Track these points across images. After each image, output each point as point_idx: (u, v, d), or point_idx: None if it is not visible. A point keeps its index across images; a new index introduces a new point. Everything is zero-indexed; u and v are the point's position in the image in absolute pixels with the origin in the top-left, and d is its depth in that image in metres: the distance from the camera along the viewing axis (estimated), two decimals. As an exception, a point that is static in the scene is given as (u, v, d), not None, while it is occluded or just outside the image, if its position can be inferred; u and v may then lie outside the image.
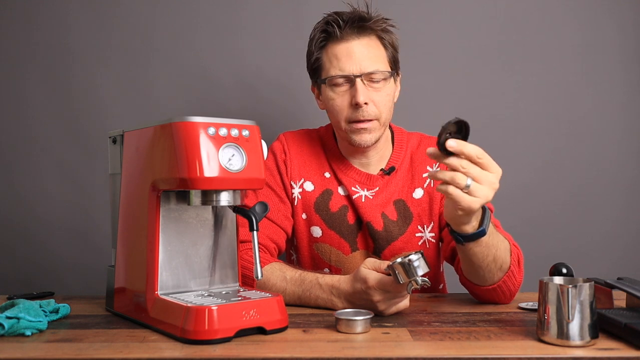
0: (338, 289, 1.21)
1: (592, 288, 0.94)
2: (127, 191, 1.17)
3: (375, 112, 1.40)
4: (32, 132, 1.97)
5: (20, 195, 1.98)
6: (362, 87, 1.37)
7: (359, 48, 1.39)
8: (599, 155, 1.97)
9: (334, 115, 1.43)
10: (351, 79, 1.39)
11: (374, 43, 1.41)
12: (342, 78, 1.40)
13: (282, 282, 1.27)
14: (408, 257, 1.07)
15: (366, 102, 1.38)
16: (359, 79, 1.38)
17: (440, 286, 1.58)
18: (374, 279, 1.13)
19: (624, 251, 1.96)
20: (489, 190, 1.05)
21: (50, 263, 1.97)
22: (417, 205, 1.47)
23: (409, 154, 1.52)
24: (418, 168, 1.49)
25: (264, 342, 0.99)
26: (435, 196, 1.46)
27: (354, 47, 1.39)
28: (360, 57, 1.38)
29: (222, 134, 1.03)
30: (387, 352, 0.92)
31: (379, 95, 1.40)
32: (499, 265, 1.19)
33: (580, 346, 0.93)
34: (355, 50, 1.39)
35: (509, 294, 1.25)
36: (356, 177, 1.49)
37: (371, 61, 1.39)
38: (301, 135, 1.57)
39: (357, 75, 1.38)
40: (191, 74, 1.97)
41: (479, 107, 1.97)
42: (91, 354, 0.92)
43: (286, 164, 1.51)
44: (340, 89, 1.41)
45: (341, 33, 1.39)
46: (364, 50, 1.39)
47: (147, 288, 1.09)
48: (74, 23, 1.97)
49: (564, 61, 1.97)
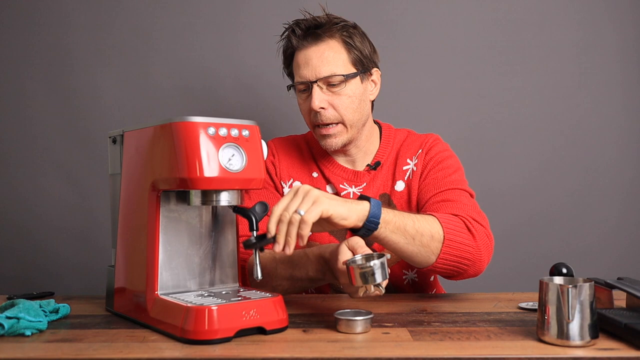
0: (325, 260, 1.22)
1: (592, 288, 0.94)
2: (127, 191, 1.17)
3: (335, 116, 1.42)
4: (32, 132, 1.98)
5: (20, 195, 1.98)
6: (318, 92, 1.40)
7: (315, 54, 1.41)
8: (598, 155, 1.97)
9: (305, 119, 1.48)
10: (309, 85, 1.42)
11: (333, 47, 1.42)
12: (302, 84, 1.43)
13: (272, 263, 1.30)
14: (369, 262, 1.03)
15: (322, 107, 1.40)
16: (315, 85, 1.40)
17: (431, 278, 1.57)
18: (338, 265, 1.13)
19: (624, 251, 1.96)
20: (316, 206, 1.04)
21: (50, 263, 1.97)
22: (400, 198, 1.48)
23: (395, 149, 1.53)
24: (400, 161, 1.51)
25: (264, 342, 0.99)
26: (413, 187, 1.47)
27: (311, 54, 1.41)
28: (315, 63, 1.40)
29: (222, 134, 1.03)
30: (387, 352, 0.92)
31: (339, 98, 1.41)
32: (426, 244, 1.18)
33: (580, 346, 0.93)
34: (312, 56, 1.41)
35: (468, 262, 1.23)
36: (343, 174, 1.51)
37: (327, 66, 1.40)
38: (288, 140, 1.61)
39: (313, 81, 1.40)
40: (191, 74, 1.97)
41: (478, 107, 1.97)
42: (91, 354, 0.92)
43: (275, 165, 1.54)
44: (303, 95, 1.45)
45: (300, 42, 1.43)
46: (320, 56, 1.41)
47: (147, 288, 1.09)
48: (74, 23, 1.97)
49: (563, 61, 1.97)
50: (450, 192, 1.38)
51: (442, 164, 1.45)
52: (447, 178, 1.42)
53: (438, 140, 1.53)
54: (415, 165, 1.48)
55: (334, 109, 1.41)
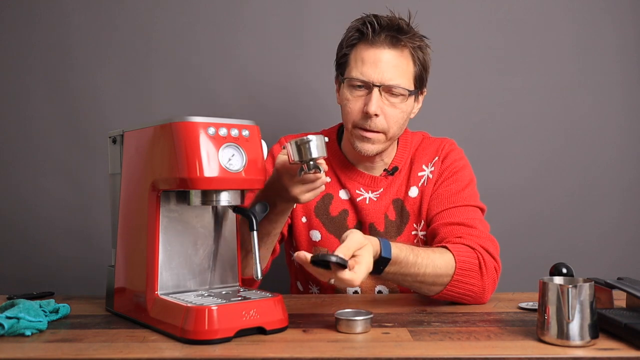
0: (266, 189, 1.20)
1: (592, 288, 0.94)
2: (127, 191, 1.17)
3: (383, 126, 1.37)
4: (32, 132, 1.97)
5: (20, 195, 1.98)
6: (378, 97, 1.35)
7: (387, 58, 1.35)
8: (598, 155, 1.97)
9: (345, 115, 1.42)
10: (370, 86, 1.36)
11: (404, 57, 1.37)
12: (361, 82, 1.37)
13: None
14: (306, 137, 1.05)
15: (377, 113, 1.35)
16: (377, 89, 1.35)
17: None
18: (278, 162, 1.15)
19: (623, 251, 1.96)
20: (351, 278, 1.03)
21: (50, 263, 1.97)
22: (413, 204, 1.47)
23: (410, 153, 1.52)
24: (415, 167, 1.49)
25: (264, 342, 0.99)
26: (426, 194, 1.45)
27: (382, 56, 1.35)
28: (385, 68, 1.34)
29: (222, 134, 1.03)
30: (387, 352, 0.92)
31: (393, 110, 1.37)
32: (430, 282, 1.23)
33: (580, 346, 0.93)
34: (383, 59, 1.35)
35: (469, 298, 1.26)
36: (361, 180, 1.49)
37: (395, 74, 1.35)
38: None
39: (377, 85, 1.34)
40: (191, 74, 1.97)
41: (478, 107, 1.97)
42: (91, 354, 0.92)
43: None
44: (357, 92, 1.38)
45: (374, 38, 1.35)
46: (391, 62, 1.35)
47: (147, 288, 1.09)
48: (74, 23, 1.97)
49: (563, 61, 1.97)
50: (464, 210, 1.38)
51: (456, 175, 1.44)
52: (461, 193, 1.41)
53: (454, 146, 1.50)
54: (431, 173, 1.46)
55: (384, 118, 1.36)
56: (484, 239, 1.31)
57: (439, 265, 1.22)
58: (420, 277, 1.21)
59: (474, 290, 1.25)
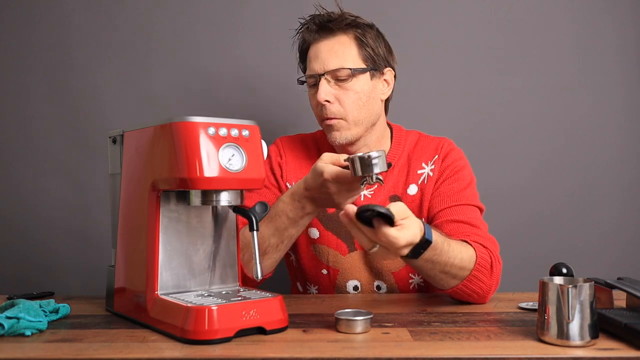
0: (298, 193, 1.25)
1: (592, 288, 0.94)
2: (127, 191, 1.17)
3: (339, 111, 1.41)
4: (32, 132, 1.97)
5: (20, 195, 1.98)
6: (325, 85, 1.40)
7: (325, 48, 1.42)
8: (598, 155, 1.97)
9: (314, 113, 1.48)
10: (316, 77, 1.42)
11: (344, 42, 1.42)
12: (311, 78, 1.43)
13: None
14: (369, 153, 1.09)
15: (327, 99, 1.40)
16: (323, 78, 1.40)
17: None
18: (330, 171, 1.18)
19: (623, 251, 1.96)
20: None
21: (50, 263, 1.97)
22: (411, 202, 1.47)
23: (406, 151, 1.52)
24: (414, 165, 1.49)
25: (264, 342, 0.99)
26: (426, 192, 1.46)
27: (321, 47, 1.42)
28: (325, 57, 1.41)
29: (222, 134, 1.03)
30: (387, 352, 0.92)
31: (346, 93, 1.41)
32: (453, 274, 1.22)
33: (580, 346, 0.93)
34: (322, 49, 1.42)
35: (476, 296, 1.27)
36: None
37: (335, 59, 1.40)
38: (296, 140, 1.59)
39: (321, 74, 1.40)
40: (191, 74, 1.97)
41: (477, 107, 1.97)
42: (91, 354, 0.92)
43: (281, 167, 1.53)
44: (313, 89, 1.45)
45: (312, 36, 1.44)
46: (329, 49, 1.41)
47: (147, 288, 1.09)
48: (74, 23, 1.97)
49: (563, 61, 1.97)
50: (466, 210, 1.39)
51: (458, 174, 1.45)
52: (463, 192, 1.42)
53: (453, 145, 1.52)
54: (432, 171, 1.47)
55: (339, 103, 1.41)
56: (487, 240, 1.32)
57: (465, 258, 1.22)
58: (448, 267, 1.20)
59: (482, 289, 1.26)
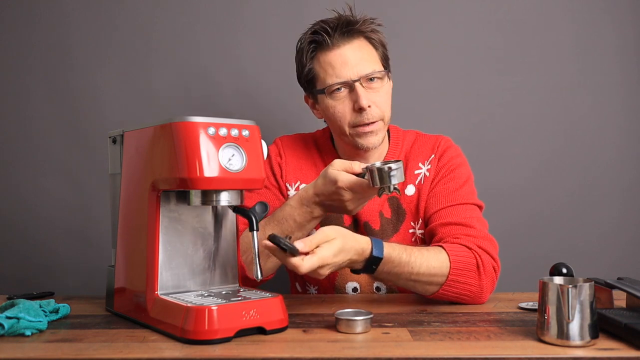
0: (307, 198, 1.26)
1: (592, 288, 0.94)
2: (127, 191, 1.17)
3: (378, 113, 1.40)
4: (32, 132, 1.97)
5: (20, 195, 1.98)
6: (363, 90, 1.38)
7: (352, 52, 1.39)
8: (598, 155, 1.97)
9: (336, 122, 1.42)
10: (350, 84, 1.38)
11: (364, 45, 1.42)
12: (341, 85, 1.39)
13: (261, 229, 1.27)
14: (388, 164, 1.13)
15: (369, 105, 1.38)
16: (358, 83, 1.38)
17: None
18: (345, 180, 1.19)
19: (623, 251, 1.96)
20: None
21: (50, 263, 1.97)
22: (409, 202, 1.47)
23: (404, 150, 1.52)
24: (411, 165, 1.49)
25: (264, 342, 0.99)
26: (423, 192, 1.46)
27: (347, 52, 1.39)
28: (355, 62, 1.38)
29: (222, 134, 1.03)
30: (387, 352, 0.92)
31: (379, 95, 1.40)
32: (425, 282, 1.24)
33: (580, 346, 0.93)
34: (349, 55, 1.39)
35: (467, 298, 1.27)
36: None
37: (366, 63, 1.39)
38: (296, 140, 1.58)
39: (355, 80, 1.38)
40: (191, 74, 1.97)
41: (477, 107, 1.97)
42: (91, 354, 0.92)
43: (281, 167, 1.52)
44: (340, 95, 1.40)
45: (331, 40, 1.39)
46: (357, 54, 1.39)
47: (147, 288, 1.09)
48: (74, 23, 1.97)
49: (563, 61, 1.97)
50: (461, 209, 1.38)
51: (453, 173, 1.45)
52: (458, 191, 1.42)
53: (450, 143, 1.51)
54: (428, 171, 1.47)
55: (376, 106, 1.40)
56: (481, 239, 1.31)
57: (433, 265, 1.23)
58: (414, 276, 1.22)
59: (471, 290, 1.26)
